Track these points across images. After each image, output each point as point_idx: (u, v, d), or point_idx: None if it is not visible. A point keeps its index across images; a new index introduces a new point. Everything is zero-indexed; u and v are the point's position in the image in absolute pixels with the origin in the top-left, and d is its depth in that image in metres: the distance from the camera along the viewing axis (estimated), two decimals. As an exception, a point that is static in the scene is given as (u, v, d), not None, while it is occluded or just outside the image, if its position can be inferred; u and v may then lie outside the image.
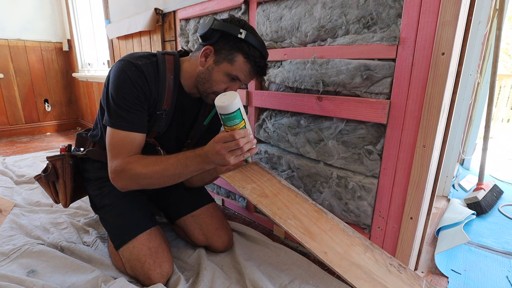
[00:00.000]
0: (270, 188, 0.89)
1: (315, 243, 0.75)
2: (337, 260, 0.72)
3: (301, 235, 0.75)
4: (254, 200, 0.82)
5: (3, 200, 1.33)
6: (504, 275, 0.97)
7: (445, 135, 0.82)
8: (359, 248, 0.78)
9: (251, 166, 0.95)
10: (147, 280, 0.83)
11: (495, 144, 2.90)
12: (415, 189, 0.79)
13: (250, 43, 0.78)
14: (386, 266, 0.76)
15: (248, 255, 1.00)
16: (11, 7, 2.67)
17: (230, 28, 0.77)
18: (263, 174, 0.94)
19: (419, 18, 0.70)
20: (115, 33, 2.08)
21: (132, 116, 0.79)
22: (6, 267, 0.90)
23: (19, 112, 2.87)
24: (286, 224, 0.77)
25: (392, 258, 0.79)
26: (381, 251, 0.80)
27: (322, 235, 0.78)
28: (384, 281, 0.71)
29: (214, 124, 1.04)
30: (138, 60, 0.80)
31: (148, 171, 0.77)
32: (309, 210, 0.86)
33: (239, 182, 0.86)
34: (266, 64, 0.85)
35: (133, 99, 0.79)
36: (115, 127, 0.78)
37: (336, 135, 0.93)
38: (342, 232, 0.82)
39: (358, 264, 0.73)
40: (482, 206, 1.38)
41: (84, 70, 2.99)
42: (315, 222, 0.82)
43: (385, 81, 0.79)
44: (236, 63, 0.79)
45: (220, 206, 1.43)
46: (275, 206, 0.82)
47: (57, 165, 0.99)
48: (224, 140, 0.71)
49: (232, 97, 0.72)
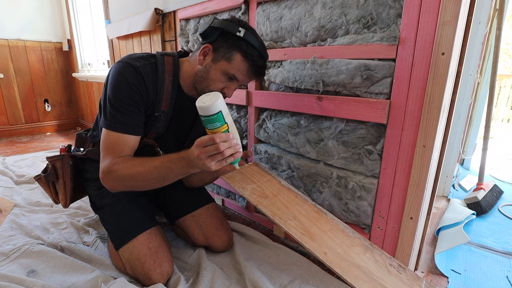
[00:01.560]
0: (270, 188, 0.89)
1: (315, 243, 0.75)
2: (337, 260, 0.72)
3: (301, 235, 0.76)
4: (254, 201, 0.82)
5: (3, 200, 1.33)
6: (504, 275, 0.97)
7: (445, 135, 0.82)
8: (358, 248, 0.78)
9: (251, 166, 0.95)
10: (147, 280, 0.83)
11: (495, 144, 2.89)
12: (415, 189, 0.79)
13: (249, 42, 0.77)
14: (385, 266, 0.76)
15: (248, 255, 1.00)
16: (11, 7, 2.67)
17: (229, 26, 0.77)
18: (263, 175, 0.94)
19: (419, 18, 0.70)
20: (115, 33, 2.08)
21: (127, 118, 0.79)
22: (6, 267, 0.90)
23: (19, 112, 2.87)
24: (286, 225, 0.77)
25: (392, 259, 0.79)
26: (380, 251, 0.80)
27: (322, 235, 0.78)
28: (384, 282, 0.71)
29: None
30: (136, 62, 0.80)
31: (132, 173, 0.75)
32: (309, 211, 0.86)
33: (239, 183, 0.86)
34: (265, 65, 0.84)
35: (130, 101, 0.79)
36: (109, 128, 0.79)
37: (336, 135, 0.93)
38: (342, 232, 0.82)
39: (357, 265, 0.73)
40: (482, 206, 1.38)
41: (84, 70, 2.99)
42: (315, 222, 0.82)
43: (385, 81, 0.79)
44: (233, 61, 0.79)
45: (220, 206, 1.43)
46: (275, 207, 0.82)
47: (57, 166, 0.99)
48: (204, 144, 0.66)
49: (214, 98, 0.68)
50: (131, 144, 0.81)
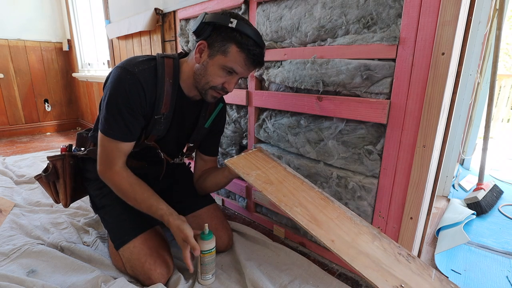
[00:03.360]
0: (275, 175, 0.87)
1: (322, 231, 0.73)
2: (344, 248, 0.70)
3: (308, 222, 0.74)
4: (259, 187, 0.79)
5: (3, 200, 1.33)
6: (504, 275, 0.97)
7: (445, 135, 0.82)
8: (366, 236, 0.76)
9: (255, 153, 0.92)
10: (148, 280, 0.83)
11: (495, 144, 2.90)
12: (415, 189, 0.79)
13: (243, 32, 0.76)
14: (394, 255, 0.74)
15: (248, 255, 1.00)
16: (11, 7, 2.67)
17: (220, 19, 0.76)
18: (268, 161, 0.91)
19: (419, 18, 0.70)
20: (115, 33, 2.08)
21: (121, 126, 0.81)
22: (6, 267, 0.90)
23: (19, 112, 2.87)
24: (292, 212, 0.75)
25: (401, 248, 0.77)
26: (389, 240, 0.78)
27: (329, 223, 0.76)
28: (393, 270, 0.69)
29: (215, 127, 1.04)
30: (135, 68, 0.80)
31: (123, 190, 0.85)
32: (316, 198, 0.84)
33: (243, 169, 0.83)
34: (262, 53, 0.82)
35: (126, 108, 0.80)
36: (104, 133, 0.83)
37: (336, 135, 0.93)
38: (349, 220, 0.80)
39: (366, 253, 0.71)
40: (482, 206, 1.38)
41: (84, 70, 2.99)
42: (322, 210, 0.80)
43: (385, 81, 0.79)
44: (229, 54, 0.77)
45: (220, 206, 1.43)
46: (280, 193, 0.80)
47: (58, 165, 0.99)
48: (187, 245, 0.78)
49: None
50: (124, 150, 0.85)
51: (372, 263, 0.69)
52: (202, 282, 0.86)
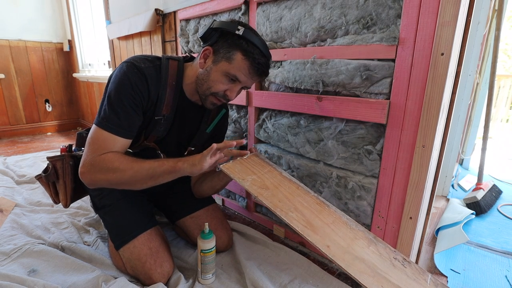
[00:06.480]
0: (271, 180, 0.87)
1: (317, 236, 0.73)
2: (340, 254, 0.70)
3: (303, 228, 0.73)
4: (254, 192, 0.79)
5: (4, 200, 1.33)
6: (503, 274, 0.98)
7: (445, 135, 0.83)
8: (362, 241, 0.77)
9: (251, 157, 0.92)
10: (148, 279, 0.84)
11: (494, 144, 2.90)
12: (414, 189, 0.79)
13: (249, 40, 0.76)
14: (390, 260, 0.74)
15: (248, 255, 1.00)
16: (12, 8, 2.68)
17: (228, 26, 0.77)
18: (264, 166, 0.91)
19: (419, 18, 0.71)
20: (115, 33, 2.09)
21: (122, 120, 0.77)
22: (7, 267, 0.90)
23: (20, 112, 2.87)
24: (287, 217, 0.75)
25: (397, 252, 0.78)
26: (385, 245, 0.79)
27: (324, 228, 0.76)
28: (389, 276, 0.69)
29: (217, 132, 1.04)
30: (141, 63, 0.80)
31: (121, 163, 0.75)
32: (311, 203, 0.84)
33: (239, 174, 0.83)
34: (268, 64, 0.82)
35: (129, 102, 0.78)
36: (101, 126, 0.77)
37: (335, 135, 0.93)
38: (345, 225, 0.80)
39: (361, 258, 0.71)
40: (481, 206, 1.38)
41: (85, 71, 2.99)
42: (318, 215, 0.80)
43: (384, 81, 0.80)
44: (234, 61, 0.78)
45: (220, 206, 1.44)
46: (276, 198, 0.80)
47: (57, 166, 0.99)
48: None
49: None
50: (120, 146, 0.79)
51: (368, 269, 0.69)
52: (202, 281, 0.87)
